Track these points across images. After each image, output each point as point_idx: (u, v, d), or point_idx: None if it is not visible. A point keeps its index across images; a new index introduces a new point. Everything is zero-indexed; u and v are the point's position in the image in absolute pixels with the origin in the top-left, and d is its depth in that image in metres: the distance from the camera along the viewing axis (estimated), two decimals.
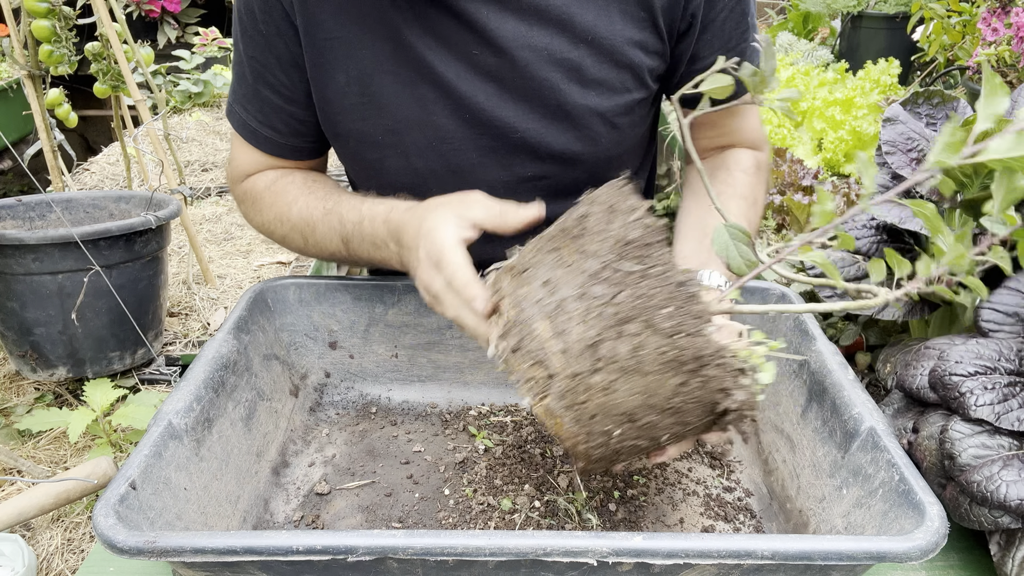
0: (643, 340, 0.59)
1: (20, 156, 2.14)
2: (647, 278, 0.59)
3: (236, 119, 1.04)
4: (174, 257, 2.54)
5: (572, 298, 0.61)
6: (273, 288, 0.97)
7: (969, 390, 0.71)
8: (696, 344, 0.59)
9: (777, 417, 0.87)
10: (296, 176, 1.04)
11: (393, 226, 0.86)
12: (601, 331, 0.59)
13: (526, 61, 0.92)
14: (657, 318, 0.59)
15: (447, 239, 0.76)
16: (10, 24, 2.19)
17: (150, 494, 0.65)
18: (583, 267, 0.61)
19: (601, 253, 0.61)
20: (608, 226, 0.62)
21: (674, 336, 0.59)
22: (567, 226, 0.65)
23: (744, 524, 0.80)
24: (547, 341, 0.61)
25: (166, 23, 4.44)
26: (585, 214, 0.65)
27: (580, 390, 0.60)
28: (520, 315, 0.63)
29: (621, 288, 0.59)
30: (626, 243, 0.61)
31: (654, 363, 0.59)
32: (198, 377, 0.78)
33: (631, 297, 0.59)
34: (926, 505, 0.61)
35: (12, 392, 2.02)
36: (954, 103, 1.00)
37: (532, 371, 0.62)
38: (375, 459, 0.89)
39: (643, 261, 0.60)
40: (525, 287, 0.64)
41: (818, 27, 3.59)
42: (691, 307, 0.59)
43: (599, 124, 0.98)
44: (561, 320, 0.61)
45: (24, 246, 1.74)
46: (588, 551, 0.56)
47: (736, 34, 0.98)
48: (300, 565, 0.58)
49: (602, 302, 0.60)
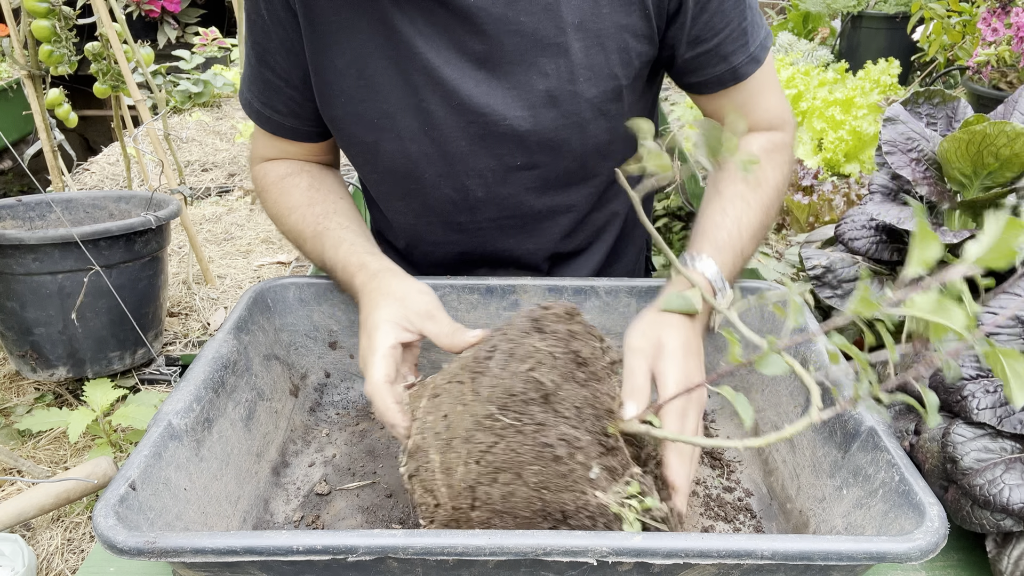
0: (513, 489, 0.65)
1: (20, 156, 2.14)
2: (521, 434, 0.65)
3: (244, 100, 1.08)
4: (174, 257, 2.54)
5: (460, 440, 0.67)
6: (273, 288, 0.97)
7: (971, 393, 0.71)
8: (561, 499, 0.65)
9: (777, 417, 0.87)
10: (303, 179, 1.06)
11: (355, 292, 0.92)
12: (479, 476, 0.66)
13: (512, 47, 0.92)
14: (526, 473, 0.65)
15: (378, 347, 0.80)
16: (10, 24, 2.19)
17: (150, 494, 0.65)
18: (474, 411, 0.68)
19: (492, 399, 0.67)
20: (502, 371, 0.68)
21: (540, 490, 0.65)
22: (478, 356, 0.72)
23: (744, 524, 0.80)
24: (437, 474, 0.68)
25: (166, 23, 4.44)
26: (493, 349, 0.71)
27: (463, 521, 0.67)
28: (423, 442, 0.70)
29: (499, 440, 0.66)
30: (511, 395, 0.67)
31: (525, 510, 0.66)
32: (198, 377, 0.78)
33: (505, 450, 0.65)
34: (926, 505, 0.61)
35: (12, 392, 2.02)
36: (954, 103, 1.00)
37: (424, 497, 0.69)
38: (375, 459, 0.89)
39: (520, 417, 0.66)
40: (431, 416, 0.71)
41: (818, 27, 3.59)
42: (555, 467, 0.65)
43: (587, 111, 0.97)
44: (450, 457, 0.67)
45: (24, 246, 1.74)
46: (588, 551, 0.56)
47: (736, 13, 0.96)
48: (300, 565, 0.58)
49: (481, 449, 0.66)
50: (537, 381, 0.67)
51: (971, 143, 0.85)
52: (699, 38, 0.97)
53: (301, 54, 0.98)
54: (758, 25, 1.00)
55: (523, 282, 0.97)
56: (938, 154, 0.90)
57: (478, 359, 0.71)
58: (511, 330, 0.73)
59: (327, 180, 1.08)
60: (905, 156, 0.92)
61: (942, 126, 0.99)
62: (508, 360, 0.69)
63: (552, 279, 0.98)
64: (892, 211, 0.89)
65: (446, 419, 0.69)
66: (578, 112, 0.97)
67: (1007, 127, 0.83)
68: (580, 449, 0.66)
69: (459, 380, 0.71)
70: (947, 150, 0.88)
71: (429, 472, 0.68)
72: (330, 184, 1.07)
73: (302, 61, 0.99)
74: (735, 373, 0.98)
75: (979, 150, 0.86)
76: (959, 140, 0.86)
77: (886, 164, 0.97)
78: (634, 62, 0.97)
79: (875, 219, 0.92)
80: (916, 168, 0.91)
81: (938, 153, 0.90)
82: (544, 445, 0.65)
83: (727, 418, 0.96)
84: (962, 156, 0.87)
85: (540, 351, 0.69)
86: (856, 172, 2.38)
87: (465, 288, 0.97)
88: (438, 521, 0.68)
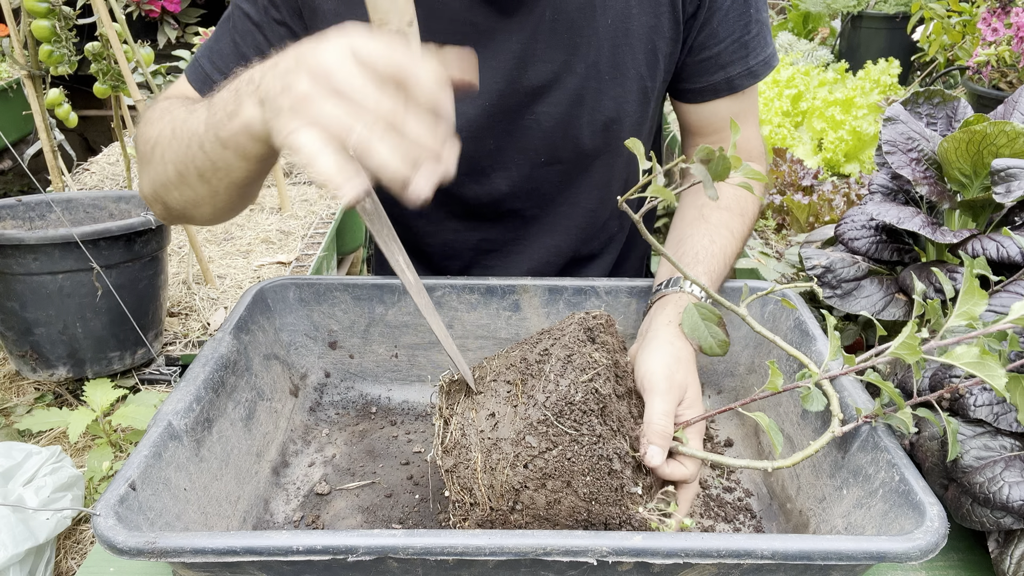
0: (560, 498, 0.65)
1: (20, 156, 2.14)
2: (577, 443, 0.65)
3: (197, 73, 0.96)
4: (174, 257, 2.54)
5: (509, 441, 0.66)
6: (273, 288, 0.97)
7: (968, 390, 0.71)
8: (607, 512, 0.66)
9: (778, 418, 0.87)
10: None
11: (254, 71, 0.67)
12: (525, 480, 0.65)
13: (546, 44, 0.94)
14: (577, 482, 0.65)
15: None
16: (10, 24, 2.19)
17: (150, 495, 0.65)
18: (526, 413, 0.67)
19: (547, 405, 0.66)
20: (560, 379, 0.68)
21: (590, 501, 0.65)
22: (528, 358, 0.71)
23: (744, 524, 0.80)
24: (479, 473, 0.67)
25: (166, 23, 4.44)
26: (546, 352, 0.71)
27: (498, 523, 0.67)
28: (463, 439, 0.69)
29: (552, 446, 0.65)
30: (569, 403, 0.66)
31: (568, 519, 0.66)
32: (198, 377, 0.78)
33: (559, 457, 0.65)
34: (926, 505, 0.61)
35: (12, 392, 2.02)
36: (954, 103, 1.00)
37: (461, 495, 0.68)
38: (375, 459, 0.89)
39: (577, 427, 0.65)
40: (473, 412, 0.70)
41: (818, 27, 3.59)
42: (608, 480, 0.65)
43: (612, 110, 0.99)
44: (495, 457, 0.67)
45: (24, 246, 1.74)
46: (588, 550, 0.56)
47: (739, 25, 0.98)
48: (300, 565, 0.58)
49: (532, 453, 0.65)
50: (598, 393, 0.67)
51: (971, 143, 0.85)
52: (703, 44, 0.98)
53: (302, 34, 0.95)
54: (763, 43, 1.01)
55: (523, 282, 0.97)
56: (938, 154, 0.90)
57: (528, 362, 0.71)
58: (563, 336, 0.72)
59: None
60: (905, 156, 0.92)
61: (942, 126, 0.99)
62: (566, 368, 0.69)
63: (552, 279, 0.98)
64: (892, 211, 0.88)
65: (492, 418, 0.68)
66: (604, 111, 0.98)
67: (1007, 127, 0.83)
68: (628, 464, 0.67)
69: (507, 380, 0.71)
70: (947, 150, 0.88)
71: (469, 470, 0.67)
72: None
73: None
74: (734, 373, 0.98)
75: (979, 150, 0.86)
76: (959, 140, 0.86)
77: (886, 164, 0.97)
78: (660, 64, 0.98)
79: (875, 219, 0.92)
80: (916, 168, 0.91)
81: (938, 153, 0.90)
82: (601, 458, 0.65)
83: (726, 418, 0.97)
84: (962, 156, 0.87)
85: (599, 363, 0.70)
86: (856, 172, 2.38)
87: (465, 288, 0.97)
88: (472, 520, 0.67)
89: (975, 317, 0.58)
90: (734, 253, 0.95)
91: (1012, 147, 0.84)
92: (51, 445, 1.47)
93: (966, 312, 0.58)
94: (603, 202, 1.09)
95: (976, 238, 0.83)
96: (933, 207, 0.95)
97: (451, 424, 0.71)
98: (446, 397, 0.74)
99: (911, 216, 0.87)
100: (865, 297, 0.91)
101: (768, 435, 0.68)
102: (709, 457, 0.73)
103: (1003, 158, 0.83)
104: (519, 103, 0.98)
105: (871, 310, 0.89)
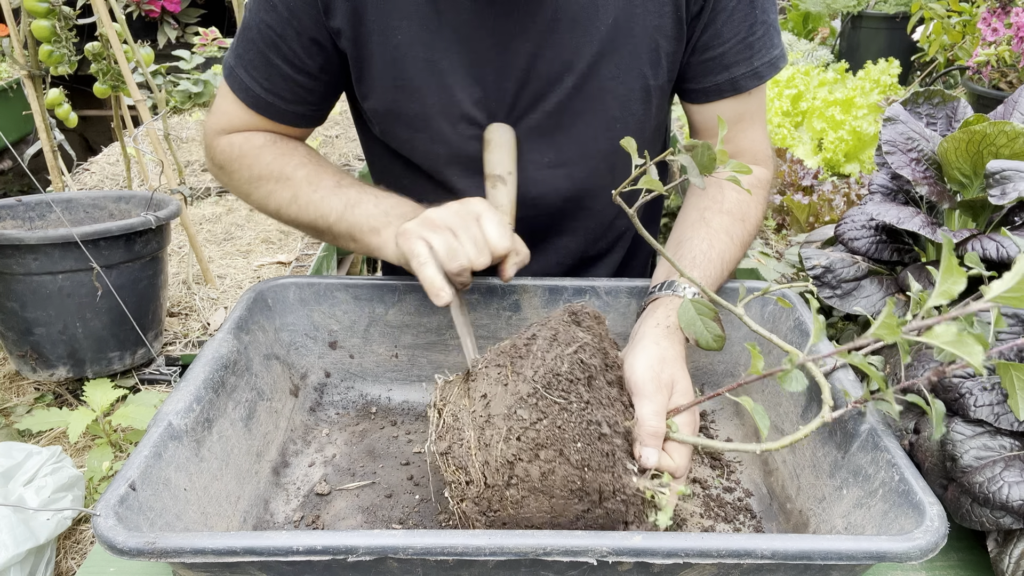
0: (554, 467, 0.65)
1: (20, 156, 2.14)
2: (566, 411, 0.66)
3: (237, 83, 1.02)
4: (174, 257, 2.54)
5: (501, 416, 0.67)
6: (273, 288, 0.97)
7: (968, 391, 0.71)
8: (601, 479, 0.66)
9: (778, 418, 0.87)
10: (294, 144, 1.05)
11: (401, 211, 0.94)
12: (519, 452, 0.66)
13: (552, 43, 0.94)
14: (569, 449, 0.65)
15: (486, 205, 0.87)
16: (10, 24, 2.19)
17: (150, 495, 0.65)
18: (516, 389, 0.68)
19: (536, 378, 0.68)
20: (546, 355, 0.69)
21: (583, 468, 0.66)
22: (517, 344, 0.73)
23: (744, 524, 0.80)
24: (473, 449, 0.67)
25: (166, 23, 4.44)
26: (533, 336, 0.73)
27: (495, 499, 0.67)
28: (455, 422, 0.70)
29: (543, 416, 0.66)
30: (556, 375, 0.68)
31: (562, 489, 0.66)
32: (198, 377, 0.78)
33: (549, 426, 0.66)
34: (926, 505, 0.61)
35: (12, 392, 2.02)
36: (954, 103, 1.00)
37: (456, 475, 0.68)
38: (375, 459, 0.89)
39: (566, 396, 0.67)
40: (466, 399, 0.71)
41: (818, 27, 3.59)
42: (599, 445, 0.66)
43: (616, 109, 0.99)
44: (489, 433, 0.67)
45: (24, 246, 1.74)
46: (588, 550, 0.56)
47: (744, 26, 0.97)
48: (300, 565, 0.58)
49: (523, 425, 0.66)
50: (583, 363, 0.69)
51: (971, 143, 0.85)
52: (707, 44, 0.98)
53: (324, 45, 0.97)
54: (769, 44, 1.00)
55: (523, 282, 0.97)
56: (938, 154, 0.90)
57: (516, 346, 0.73)
58: (550, 321, 0.75)
59: (310, 148, 1.08)
60: (905, 156, 0.92)
61: (942, 126, 0.99)
62: (552, 344, 0.71)
63: (552, 279, 0.98)
64: (892, 211, 0.88)
65: (485, 398, 0.69)
66: (607, 110, 0.98)
67: (1007, 127, 0.83)
68: (619, 434, 0.68)
69: (498, 364, 0.72)
70: (947, 150, 0.88)
71: (463, 448, 0.68)
72: (311, 150, 1.07)
73: (324, 51, 0.97)
74: (734, 374, 0.98)
75: (979, 150, 0.86)
76: (959, 140, 0.86)
77: (886, 164, 0.97)
78: (663, 63, 0.98)
79: (875, 219, 0.92)
80: (916, 168, 0.91)
81: (938, 153, 0.90)
82: (590, 423, 0.66)
83: (726, 419, 0.96)
84: (962, 156, 0.87)
85: (582, 338, 0.72)
86: (856, 172, 2.38)
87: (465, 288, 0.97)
88: (469, 499, 0.67)
89: (953, 296, 0.58)
90: (733, 258, 0.95)
91: (1012, 147, 0.84)
92: (51, 445, 1.48)
93: (945, 291, 0.58)
94: (610, 201, 1.10)
95: (976, 238, 0.83)
96: (933, 207, 0.95)
97: (443, 413, 0.72)
98: (440, 393, 0.75)
99: (911, 216, 0.87)
100: (865, 297, 0.91)
101: (752, 417, 0.68)
102: (699, 442, 0.74)
103: (999, 160, 0.83)
104: (523, 103, 0.98)
105: (871, 310, 0.89)
